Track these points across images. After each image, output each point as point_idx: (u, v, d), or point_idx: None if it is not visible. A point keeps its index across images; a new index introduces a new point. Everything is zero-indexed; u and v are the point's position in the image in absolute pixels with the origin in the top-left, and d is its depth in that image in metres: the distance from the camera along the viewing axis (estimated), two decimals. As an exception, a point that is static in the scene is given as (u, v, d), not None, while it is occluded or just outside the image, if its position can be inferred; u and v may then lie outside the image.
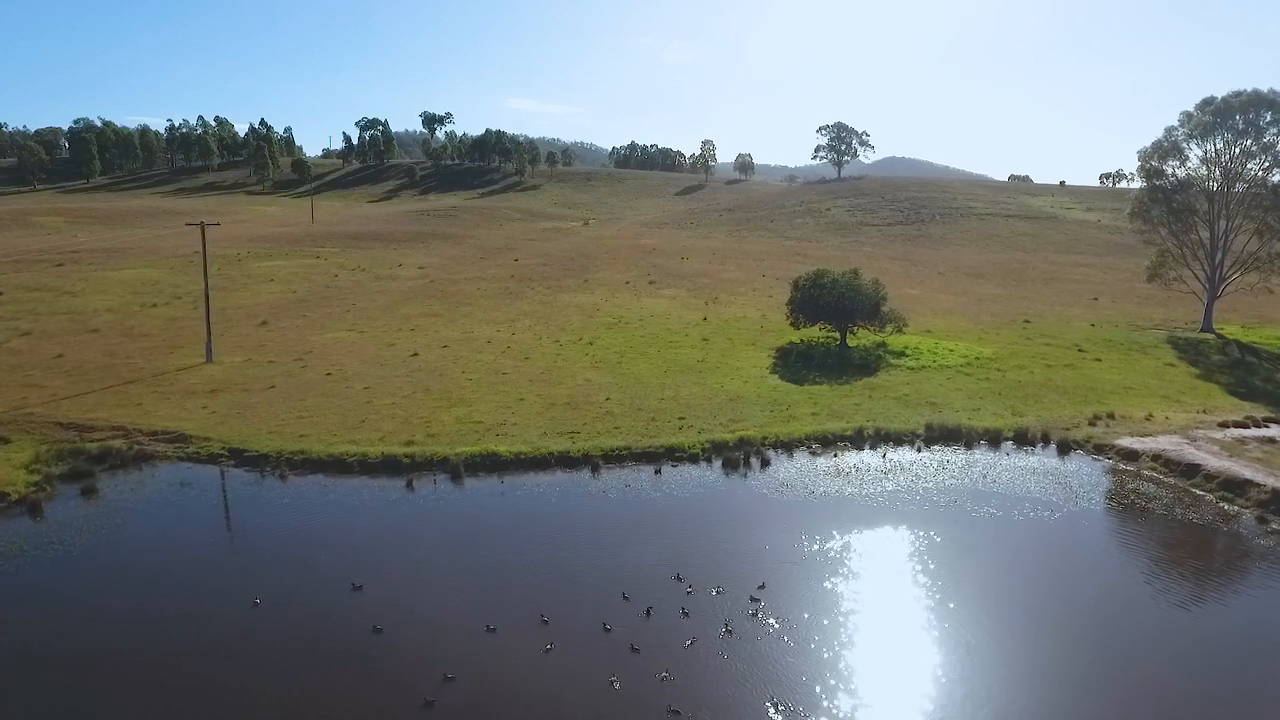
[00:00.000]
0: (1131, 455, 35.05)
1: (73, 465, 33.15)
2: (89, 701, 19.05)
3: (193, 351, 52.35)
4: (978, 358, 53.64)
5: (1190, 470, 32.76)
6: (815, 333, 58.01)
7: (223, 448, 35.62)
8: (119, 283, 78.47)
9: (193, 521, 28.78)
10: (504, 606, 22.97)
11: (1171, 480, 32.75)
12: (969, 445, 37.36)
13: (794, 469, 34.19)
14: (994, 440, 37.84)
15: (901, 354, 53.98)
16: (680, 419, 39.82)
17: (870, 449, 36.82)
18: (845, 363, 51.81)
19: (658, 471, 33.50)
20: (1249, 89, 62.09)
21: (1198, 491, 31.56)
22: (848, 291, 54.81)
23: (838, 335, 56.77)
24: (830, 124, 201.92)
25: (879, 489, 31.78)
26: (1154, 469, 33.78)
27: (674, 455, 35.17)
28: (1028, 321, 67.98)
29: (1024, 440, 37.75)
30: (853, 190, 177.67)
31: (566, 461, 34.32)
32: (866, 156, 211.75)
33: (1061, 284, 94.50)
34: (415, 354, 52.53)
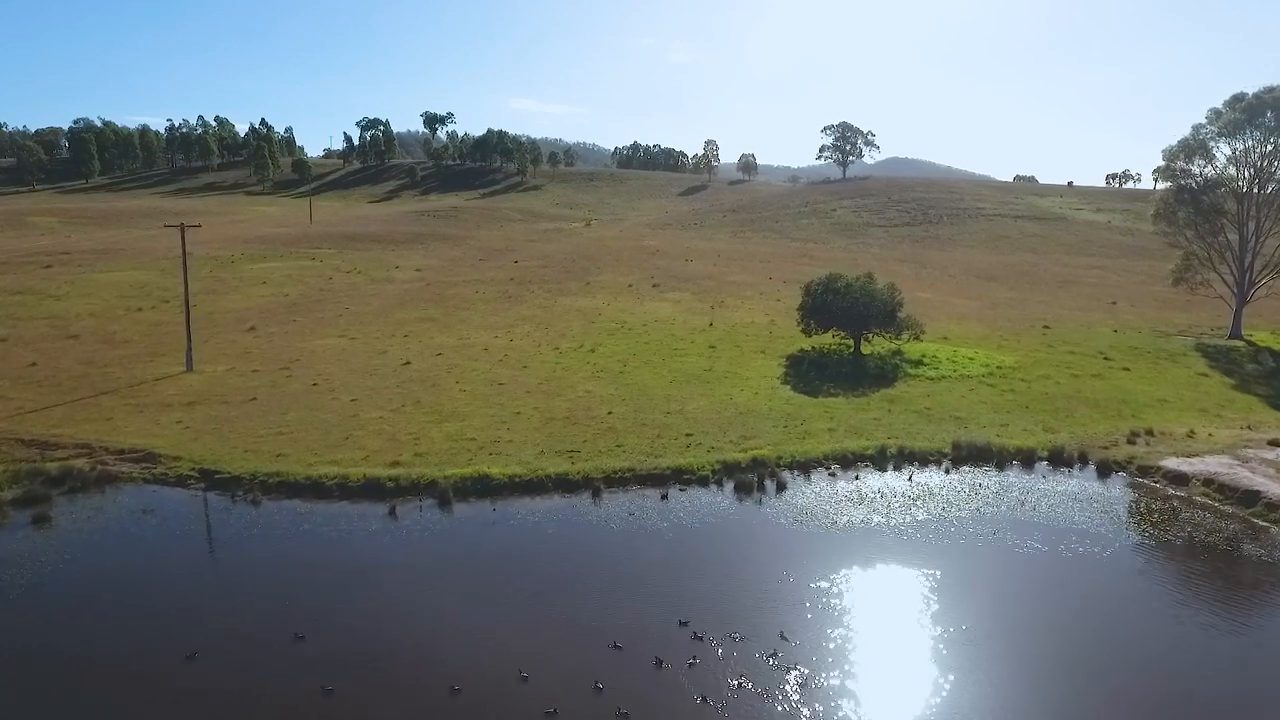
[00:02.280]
0: (1180, 479, 32.04)
1: (28, 488, 30.28)
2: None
3: (174, 359, 49.48)
4: (999, 367, 50.63)
5: (1249, 498, 29.73)
6: (828, 340, 55.08)
7: (193, 468, 32.72)
8: (106, 285, 75.68)
9: (148, 556, 25.85)
10: (478, 660, 20.05)
11: (1229, 509, 29.71)
12: (1000, 466, 34.36)
13: (812, 494, 31.22)
14: (1027, 460, 34.84)
15: (919, 363, 51.00)
16: (688, 435, 36.88)
17: (894, 470, 33.83)
18: (861, 372, 48.85)
19: (664, 497, 30.53)
20: (1281, 84, 58.97)
21: (1260, 522, 28.50)
22: (862, 297, 51.86)
23: (851, 343, 53.83)
24: (835, 124, 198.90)
25: (908, 519, 28.77)
26: (1207, 495, 30.75)
27: (682, 477, 32.22)
28: (1047, 327, 64.96)
29: (1060, 460, 34.73)
30: (858, 190, 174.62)
31: (565, 485, 31.37)
32: (872, 156, 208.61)
33: (1077, 287, 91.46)
34: (407, 362, 49.64)
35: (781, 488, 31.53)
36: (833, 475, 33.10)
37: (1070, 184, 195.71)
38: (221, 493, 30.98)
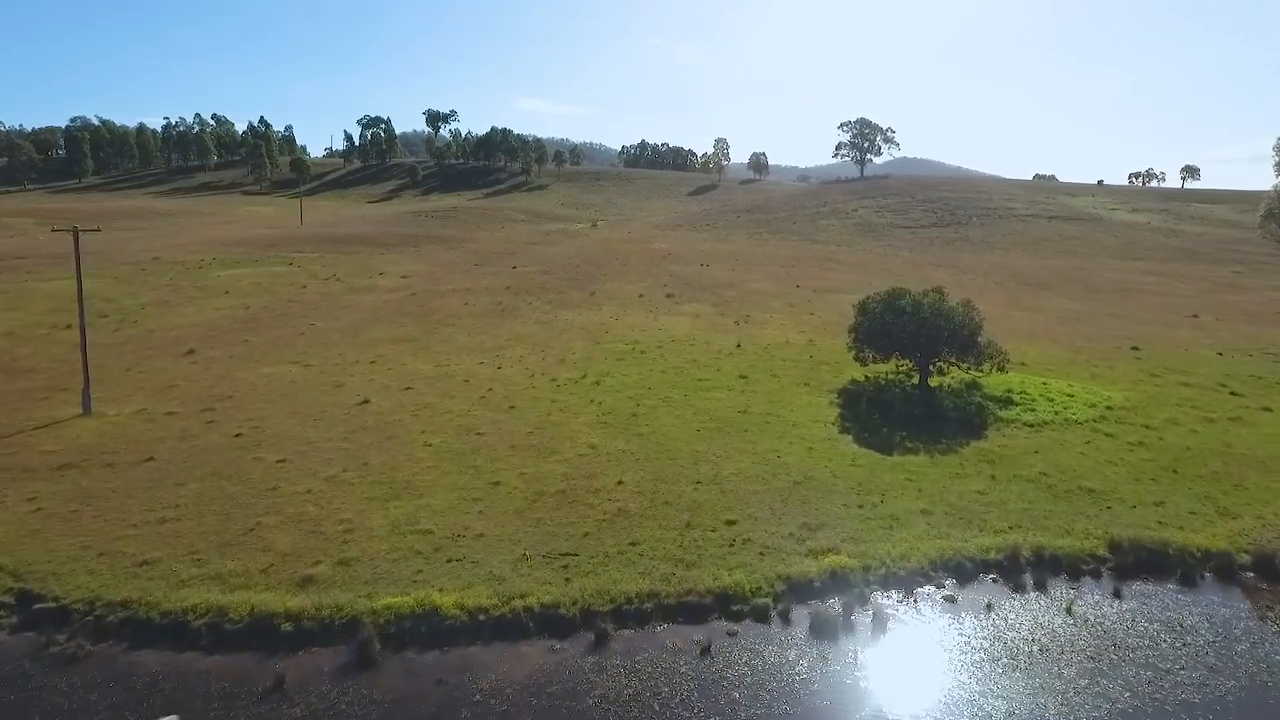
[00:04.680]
0: None
1: None
2: None
3: (76, 396, 38.77)
4: (1109, 407, 39.50)
5: None
6: (884, 368, 44.12)
7: (10, 588, 21.90)
8: (43, 296, 65.14)
9: None
10: None
11: None
12: (1188, 580, 23.27)
13: (931, 642, 20.19)
14: (1224, 570, 23.70)
15: (1006, 401, 39.90)
16: (729, 523, 25.93)
17: (1036, 588, 22.77)
18: (936, 415, 37.78)
19: (705, 650, 19.50)
20: None
21: None
22: (934, 317, 40.77)
23: (915, 372, 42.89)
24: (853, 120, 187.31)
25: (1102, 707, 17.61)
26: None
27: (729, 608, 21.23)
28: (1136, 349, 53.73)
29: (1271, 571, 23.59)
30: (878, 190, 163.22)
31: (554, 623, 20.44)
32: (891, 154, 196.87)
33: (1141, 296, 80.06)
34: (365, 401, 38.80)
35: (881, 626, 20.52)
36: (951, 601, 22.04)
37: (1100, 182, 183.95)
38: (39, 633, 20.19)
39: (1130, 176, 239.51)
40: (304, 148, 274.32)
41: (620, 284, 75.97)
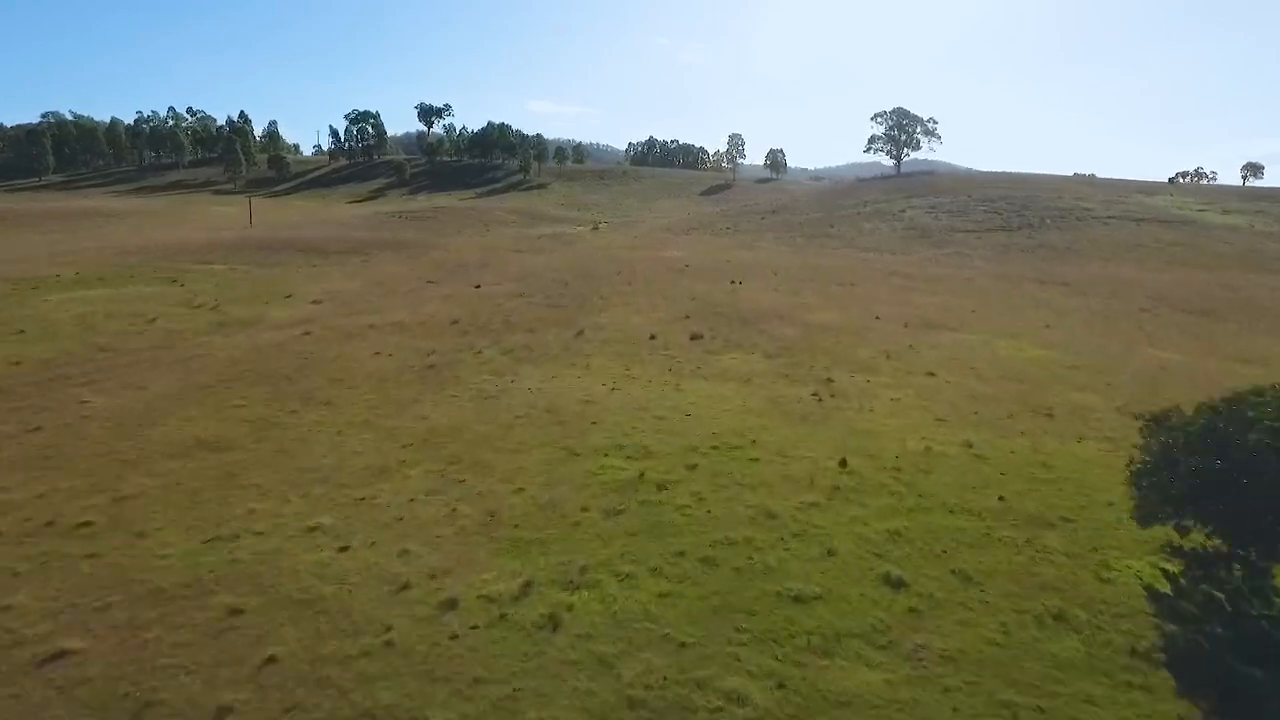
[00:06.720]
0: None
1: None
2: None
3: None
4: None
5: None
6: (1162, 532, 18.73)
7: None
8: None
9: None
10: None
11: None
12: None
13: None
14: None
15: None
16: None
17: None
18: None
19: None
20: None
21: None
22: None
23: (1227, 548, 17.62)
24: (888, 110, 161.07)
25: None
26: None
27: None
28: None
29: None
30: (925, 188, 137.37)
31: None
32: (931, 147, 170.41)
33: (1360, 331, 54.23)
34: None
35: None
36: None
37: (1173, 179, 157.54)
38: None
39: (1177, 175, 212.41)
40: (295, 145, 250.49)
41: (622, 313, 50.73)
